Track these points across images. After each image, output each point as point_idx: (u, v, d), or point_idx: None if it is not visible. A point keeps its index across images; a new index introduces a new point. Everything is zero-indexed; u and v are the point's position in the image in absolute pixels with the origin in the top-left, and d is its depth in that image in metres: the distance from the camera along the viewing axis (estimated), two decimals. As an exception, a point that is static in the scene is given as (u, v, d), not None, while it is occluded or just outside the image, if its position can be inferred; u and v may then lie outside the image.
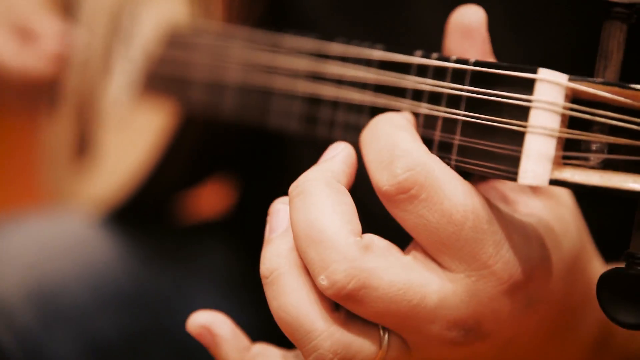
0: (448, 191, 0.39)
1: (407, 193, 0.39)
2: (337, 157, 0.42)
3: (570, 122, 0.37)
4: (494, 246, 0.39)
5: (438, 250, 0.40)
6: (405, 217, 0.40)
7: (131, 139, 0.77)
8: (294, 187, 0.41)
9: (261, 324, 0.79)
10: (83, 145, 0.84)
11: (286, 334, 0.41)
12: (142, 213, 0.80)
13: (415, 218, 0.39)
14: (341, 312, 0.41)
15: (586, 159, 0.37)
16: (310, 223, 0.39)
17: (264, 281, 0.41)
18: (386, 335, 0.41)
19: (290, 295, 0.40)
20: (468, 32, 0.42)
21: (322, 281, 0.39)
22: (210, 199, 0.90)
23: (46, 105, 0.88)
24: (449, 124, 0.41)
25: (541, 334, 0.44)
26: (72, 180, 0.84)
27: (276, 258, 0.41)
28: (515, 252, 0.40)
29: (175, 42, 0.70)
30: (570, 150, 0.37)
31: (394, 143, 0.40)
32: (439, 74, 0.42)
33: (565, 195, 0.44)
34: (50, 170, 0.90)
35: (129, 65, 0.78)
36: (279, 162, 0.78)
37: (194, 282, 0.81)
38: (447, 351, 0.42)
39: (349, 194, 0.41)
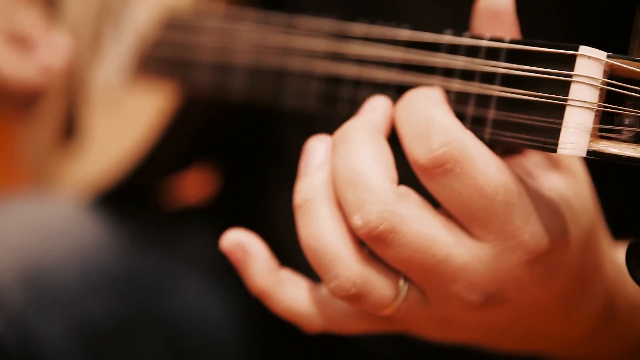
0: (481, 166, 0.41)
1: (442, 167, 0.41)
2: (378, 109, 0.45)
3: (607, 97, 0.39)
4: (522, 219, 0.42)
5: (468, 220, 0.42)
6: (438, 189, 0.42)
7: (123, 122, 0.77)
8: (338, 134, 0.44)
9: (246, 309, 0.80)
10: (70, 129, 0.84)
11: (311, 262, 0.43)
12: (131, 197, 0.80)
13: (449, 191, 0.41)
14: (365, 250, 0.43)
15: (619, 132, 0.39)
16: (351, 167, 0.42)
17: (296, 210, 0.44)
18: (406, 285, 0.44)
19: (320, 224, 0.43)
20: (497, 16, 0.44)
21: (357, 220, 0.41)
22: (195, 184, 0.90)
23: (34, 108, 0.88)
24: (483, 100, 0.43)
25: (554, 303, 0.46)
26: (58, 163, 0.84)
27: (311, 189, 0.44)
28: (540, 225, 0.42)
29: (175, 24, 0.71)
30: (605, 123, 0.39)
31: (430, 118, 0.42)
32: (471, 51, 0.43)
33: (582, 172, 0.46)
34: (34, 154, 0.90)
35: (120, 49, 0.79)
36: (262, 147, 0.79)
37: (181, 267, 0.81)
38: (464, 312, 0.44)
39: (387, 144, 0.43)
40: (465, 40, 0.44)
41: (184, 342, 0.79)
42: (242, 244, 0.48)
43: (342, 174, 0.42)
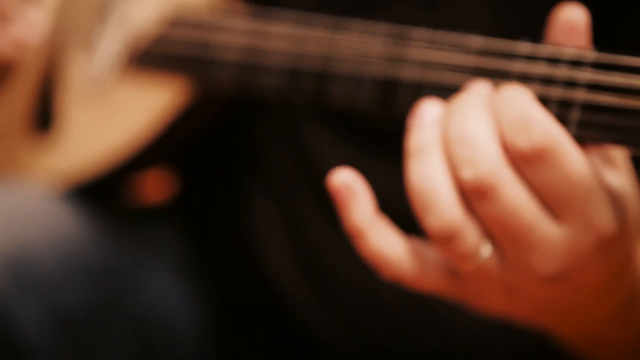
0: (571, 159, 0.47)
1: (539, 157, 0.47)
2: (486, 87, 0.50)
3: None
4: (598, 207, 0.48)
5: (554, 203, 0.48)
6: (531, 174, 0.48)
7: (109, 115, 0.78)
8: (454, 102, 0.49)
9: (210, 305, 0.82)
10: (43, 117, 0.84)
11: (414, 201, 0.48)
12: (106, 191, 0.81)
13: (540, 177, 0.47)
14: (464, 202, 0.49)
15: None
16: (466, 127, 0.47)
17: (408, 153, 0.49)
18: (489, 246, 0.49)
19: (431, 168, 0.48)
20: (573, 30, 0.50)
21: (467, 172, 0.47)
22: (156, 183, 0.91)
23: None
24: (566, 104, 0.48)
25: (603, 284, 0.52)
26: (27, 151, 0.84)
27: (425, 138, 0.49)
28: (612, 213, 0.48)
29: (185, 22, 0.72)
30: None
31: (529, 111, 0.47)
32: (553, 60, 0.49)
33: (631, 172, 0.53)
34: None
35: (110, 43, 0.80)
36: (235, 151, 0.82)
37: (151, 262, 0.82)
38: (533, 284, 0.50)
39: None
40: (546, 49, 0.49)
41: (151, 333, 0.80)
42: (350, 183, 0.51)
43: (456, 133, 0.48)
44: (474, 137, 0.47)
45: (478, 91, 0.50)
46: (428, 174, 0.48)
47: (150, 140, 0.74)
